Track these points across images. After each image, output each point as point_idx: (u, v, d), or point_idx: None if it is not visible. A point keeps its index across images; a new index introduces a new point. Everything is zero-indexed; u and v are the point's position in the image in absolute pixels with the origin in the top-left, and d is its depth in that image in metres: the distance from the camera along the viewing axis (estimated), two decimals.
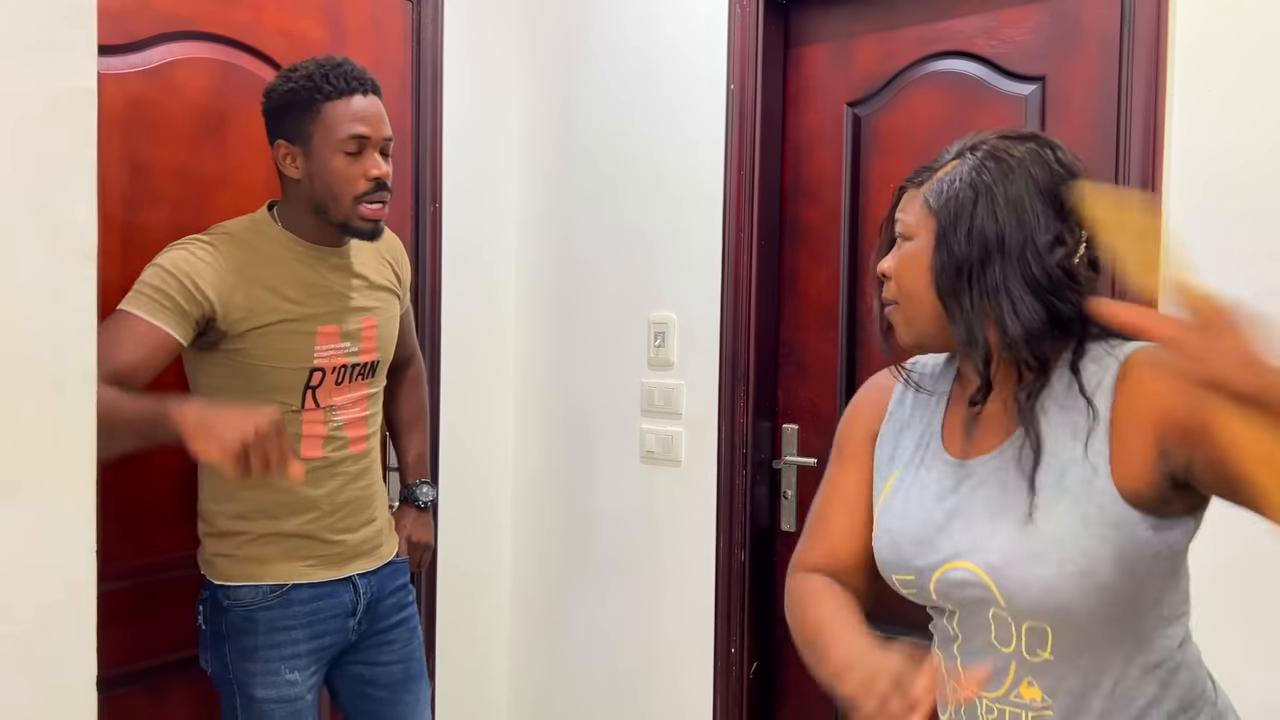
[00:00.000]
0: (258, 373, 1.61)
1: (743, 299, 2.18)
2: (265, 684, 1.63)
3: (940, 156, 1.10)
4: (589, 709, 2.47)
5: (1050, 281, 1.00)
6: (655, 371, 2.33)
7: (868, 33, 2.12)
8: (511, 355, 2.57)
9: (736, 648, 2.21)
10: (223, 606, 1.65)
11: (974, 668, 1.06)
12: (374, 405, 1.77)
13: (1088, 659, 1.01)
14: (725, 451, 2.21)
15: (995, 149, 1.05)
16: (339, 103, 1.60)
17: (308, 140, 1.61)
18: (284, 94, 1.62)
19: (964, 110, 1.99)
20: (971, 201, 1.02)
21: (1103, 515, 0.96)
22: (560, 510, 2.49)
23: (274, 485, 1.63)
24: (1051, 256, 1.01)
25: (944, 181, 1.05)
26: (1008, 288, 1.01)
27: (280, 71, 1.68)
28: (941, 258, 1.04)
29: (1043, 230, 1.01)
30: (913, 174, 1.12)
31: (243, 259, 1.60)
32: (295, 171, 1.63)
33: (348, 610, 1.72)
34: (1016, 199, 1.02)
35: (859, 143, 2.14)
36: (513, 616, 2.60)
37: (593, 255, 2.43)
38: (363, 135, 1.61)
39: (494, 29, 2.49)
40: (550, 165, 2.50)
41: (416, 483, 1.96)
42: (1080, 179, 1.03)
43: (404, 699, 1.80)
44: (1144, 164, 1.72)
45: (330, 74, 1.60)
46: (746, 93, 2.16)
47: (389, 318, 1.79)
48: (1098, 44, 1.85)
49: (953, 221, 1.03)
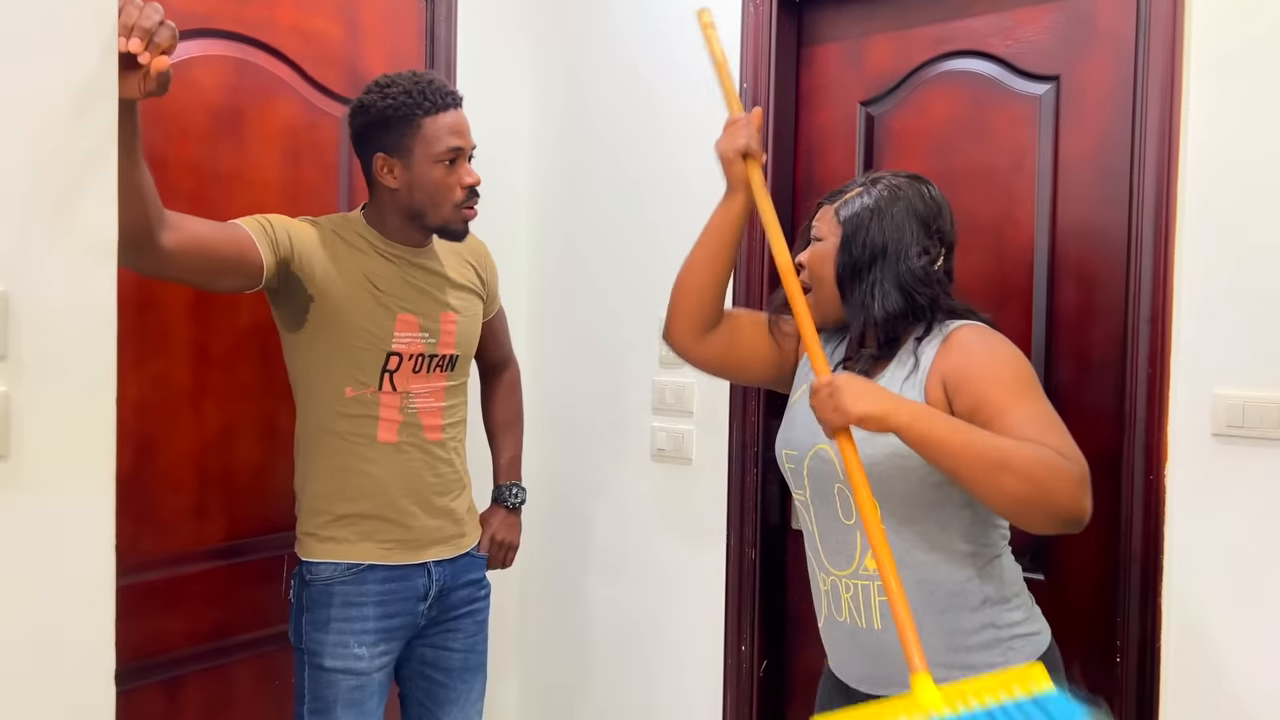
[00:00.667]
0: (340, 350, 1.71)
1: (755, 297, 2.18)
2: (334, 655, 1.71)
3: (848, 185, 1.52)
4: (599, 706, 2.48)
5: (913, 281, 1.42)
6: (666, 370, 2.33)
7: (881, 32, 2.12)
8: (523, 352, 2.57)
9: (747, 645, 2.21)
10: (305, 580, 1.75)
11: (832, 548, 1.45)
12: (452, 397, 1.84)
13: (913, 533, 1.38)
14: (736, 449, 2.22)
15: (889, 183, 1.47)
16: (437, 118, 1.71)
17: (408, 153, 1.71)
18: (382, 110, 1.70)
19: (978, 109, 1.99)
20: (868, 219, 1.44)
21: None
22: (571, 507, 2.50)
23: (351, 467, 1.73)
24: (917, 263, 1.43)
25: (852, 202, 1.47)
26: (882, 284, 1.42)
27: (370, 87, 1.74)
28: (843, 258, 1.45)
29: (914, 244, 1.43)
30: (828, 195, 1.53)
31: (334, 241, 1.72)
32: (393, 182, 1.73)
33: (420, 595, 1.79)
34: (899, 220, 1.44)
35: (872, 142, 2.13)
36: (522, 613, 2.60)
37: (605, 252, 2.43)
38: (459, 147, 1.73)
39: (507, 27, 2.49)
40: (563, 162, 2.50)
41: (508, 484, 2.03)
42: (945, 210, 1.49)
43: (459, 687, 1.88)
44: (1159, 164, 1.72)
45: (426, 90, 1.70)
46: (759, 92, 2.16)
47: (470, 316, 1.87)
48: (1113, 44, 1.84)
49: (853, 233, 1.45)
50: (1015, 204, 1.95)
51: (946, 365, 1.37)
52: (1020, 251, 1.94)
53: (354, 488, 1.73)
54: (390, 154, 1.72)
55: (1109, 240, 1.84)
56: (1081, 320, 1.89)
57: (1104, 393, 1.85)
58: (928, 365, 1.39)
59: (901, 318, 1.42)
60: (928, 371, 1.38)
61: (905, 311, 1.42)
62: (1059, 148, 1.90)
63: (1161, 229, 1.71)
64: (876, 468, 1.36)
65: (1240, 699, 1.65)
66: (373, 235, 1.76)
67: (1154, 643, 1.72)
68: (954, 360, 1.37)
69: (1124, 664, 1.75)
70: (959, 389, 1.35)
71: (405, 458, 1.76)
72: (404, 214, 1.75)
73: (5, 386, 1.06)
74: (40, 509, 1.09)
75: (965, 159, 2.00)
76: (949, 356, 1.38)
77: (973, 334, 1.40)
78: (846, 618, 1.44)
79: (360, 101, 1.74)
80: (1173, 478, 1.71)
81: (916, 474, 1.35)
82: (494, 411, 2.08)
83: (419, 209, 1.74)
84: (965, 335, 1.40)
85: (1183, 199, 1.70)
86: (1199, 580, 1.69)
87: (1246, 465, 1.64)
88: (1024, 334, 1.92)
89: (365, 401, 1.73)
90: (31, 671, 1.10)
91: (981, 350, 1.37)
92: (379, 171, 1.73)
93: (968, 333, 1.40)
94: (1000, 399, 1.31)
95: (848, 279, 1.44)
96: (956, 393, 1.35)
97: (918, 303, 1.42)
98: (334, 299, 1.70)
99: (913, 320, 1.43)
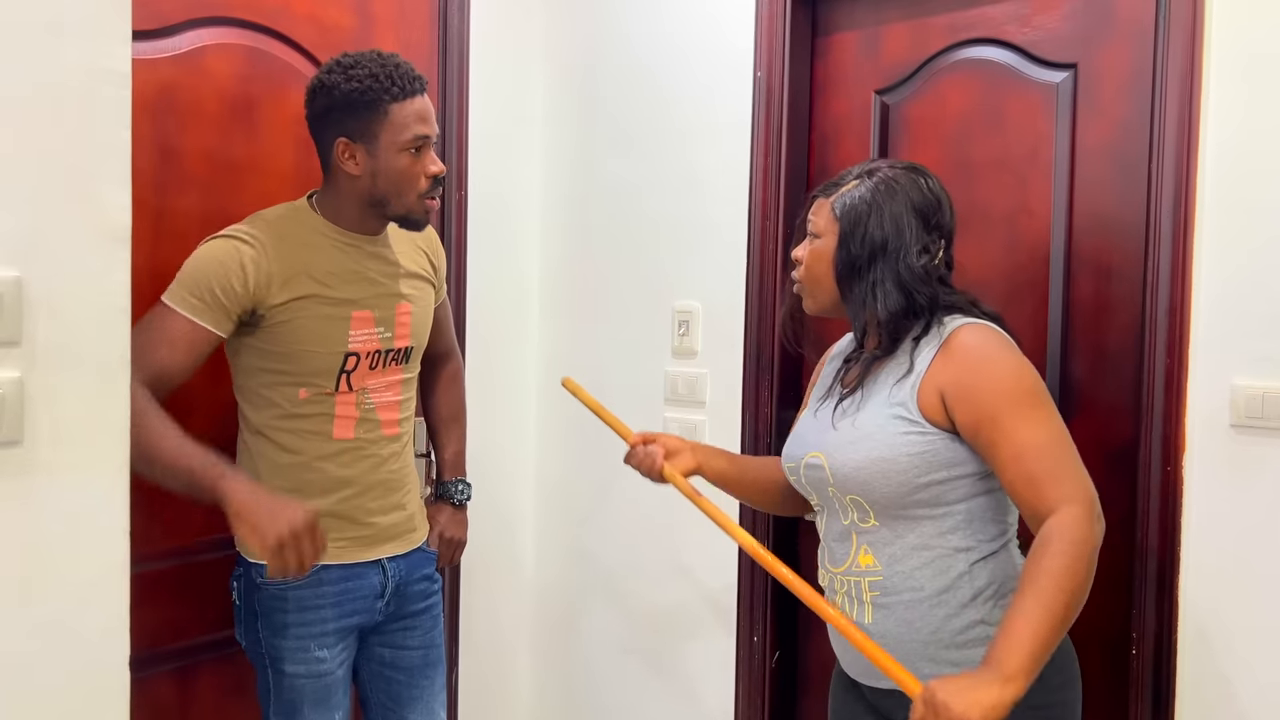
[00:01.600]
0: (293, 356, 1.64)
1: (768, 288, 2.17)
2: (295, 660, 1.66)
3: (843, 176, 1.47)
4: (612, 698, 2.48)
5: (913, 279, 1.40)
6: (679, 360, 2.32)
7: (897, 20, 2.10)
8: (535, 344, 2.57)
9: (759, 637, 2.21)
10: (255, 584, 1.68)
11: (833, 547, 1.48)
12: (407, 390, 1.79)
13: (903, 530, 1.39)
14: (749, 441, 2.21)
15: (885, 175, 1.43)
16: (405, 104, 1.62)
17: (373, 139, 1.63)
18: (347, 93, 1.61)
19: (994, 98, 1.97)
20: (866, 215, 1.40)
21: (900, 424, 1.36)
22: (585, 499, 2.50)
23: (306, 465, 1.66)
24: (917, 261, 1.40)
25: (847, 196, 1.43)
26: (883, 283, 1.40)
27: (331, 67, 1.64)
28: (842, 255, 1.42)
29: (914, 240, 1.40)
30: (822, 187, 1.49)
31: (281, 247, 1.63)
32: (355, 169, 1.65)
33: (376, 592, 1.74)
34: (898, 215, 1.40)
35: (887, 131, 2.12)
36: (536, 605, 2.61)
37: (617, 243, 2.42)
38: (426, 135, 1.65)
39: (520, 15, 2.49)
40: (575, 153, 2.49)
41: (453, 480, 1.98)
42: (945, 202, 1.44)
43: (421, 684, 1.83)
44: (1178, 154, 1.70)
45: (394, 75, 1.61)
46: (774, 81, 2.15)
47: (424, 306, 1.82)
48: (1132, 32, 1.82)
49: (851, 229, 1.41)
50: (1031, 194, 1.93)
51: (945, 375, 1.35)
52: (1036, 243, 1.93)
53: (309, 485, 1.66)
54: (353, 139, 1.63)
55: (1127, 231, 1.82)
56: (1098, 312, 1.87)
57: (1121, 384, 1.84)
58: (924, 369, 1.37)
59: (904, 316, 1.40)
60: (923, 375, 1.37)
61: (907, 310, 1.40)
62: (1076, 137, 1.89)
63: (1180, 220, 1.70)
64: (860, 473, 1.38)
65: (1258, 691, 1.64)
66: (324, 226, 1.68)
67: (1170, 635, 1.71)
68: (953, 370, 1.35)
69: (1139, 656, 1.74)
70: (960, 402, 1.33)
71: (361, 454, 1.70)
72: (364, 202, 1.67)
73: (19, 372, 1.06)
74: (54, 494, 1.10)
75: (981, 148, 1.99)
76: (948, 364, 1.35)
77: (973, 338, 1.36)
78: (842, 611, 1.45)
79: (321, 81, 1.64)
80: (1190, 469, 1.69)
81: (901, 476, 1.36)
82: (437, 405, 2.00)
83: (381, 197, 1.66)
84: (965, 340, 1.36)
85: (1202, 190, 1.68)
86: (1216, 572, 1.67)
87: (1266, 456, 1.63)
88: (1040, 326, 1.91)
89: (321, 401, 1.66)
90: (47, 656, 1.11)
91: (981, 361, 1.34)
92: (339, 157, 1.64)
93: (967, 336, 1.37)
94: (1004, 420, 1.30)
95: (846, 277, 1.42)
96: (957, 406, 1.34)
97: (918, 302, 1.40)
98: (287, 311, 1.62)
99: (914, 318, 1.41)
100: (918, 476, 1.36)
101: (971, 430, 1.33)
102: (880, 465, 1.36)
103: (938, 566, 1.38)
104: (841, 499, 1.43)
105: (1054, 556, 1.23)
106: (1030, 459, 1.29)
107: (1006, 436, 1.30)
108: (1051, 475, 1.28)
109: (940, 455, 1.36)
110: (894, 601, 1.39)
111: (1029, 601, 1.22)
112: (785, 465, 1.56)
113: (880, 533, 1.40)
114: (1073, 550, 1.24)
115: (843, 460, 1.40)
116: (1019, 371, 1.34)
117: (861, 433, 1.39)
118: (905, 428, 1.36)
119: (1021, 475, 1.30)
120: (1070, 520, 1.25)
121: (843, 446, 1.41)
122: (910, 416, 1.36)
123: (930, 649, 1.37)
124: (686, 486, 1.60)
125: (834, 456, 1.42)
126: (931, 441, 1.35)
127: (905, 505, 1.38)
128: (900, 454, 1.36)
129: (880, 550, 1.41)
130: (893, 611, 1.39)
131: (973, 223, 1.97)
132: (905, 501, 1.37)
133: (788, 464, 1.55)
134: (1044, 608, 1.21)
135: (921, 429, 1.36)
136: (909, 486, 1.36)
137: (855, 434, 1.40)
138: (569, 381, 1.81)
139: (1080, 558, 1.24)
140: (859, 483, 1.38)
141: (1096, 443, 1.85)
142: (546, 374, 2.56)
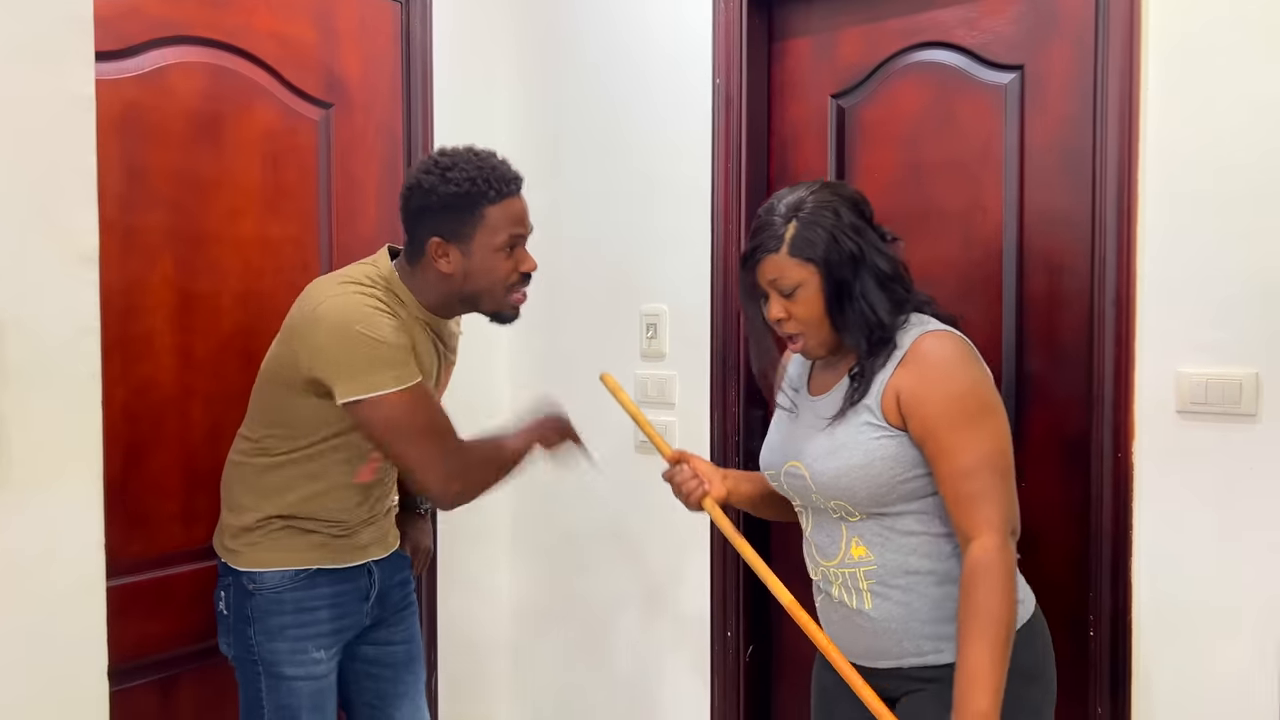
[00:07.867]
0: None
1: (733, 290, 2.21)
2: (294, 662, 1.69)
3: (770, 227, 1.45)
4: (590, 694, 2.51)
5: (892, 273, 1.45)
6: (648, 362, 2.36)
7: (850, 25, 2.15)
8: (506, 349, 2.60)
9: (733, 631, 2.25)
10: (247, 591, 1.70)
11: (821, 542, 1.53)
12: None
13: (891, 524, 1.45)
14: (718, 440, 2.25)
15: (813, 202, 1.44)
16: (501, 205, 1.64)
17: (467, 240, 1.64)
18: (444, 196, 1.61)
19: (945, 99, 2.03)
20: (832, 241, 1.42)
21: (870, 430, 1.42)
22: (556, 499, 2.53)
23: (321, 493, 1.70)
24: (884, 255, 1.45)
25: (800, 239, 1.43)
26: (868, 290, 1.43)
27: (429, 166, 1.65)
28: (829, 288, 1.43)
29: (872, 238, 1.45)
30: (753, 249, 1.47)
31: (399, 324, 1.63)
32: (448, 266, 1.65)
33: (364, 595, 1.79)
34: (850, 224, 1.43)
35: (843, 134, 2.17)
36: (512, 604, 2.63)
37: (584, 250, 2.46)
38: (520, 235, 1.68)
39: (482, 28, 2.52)
40: (540, 162, 2.52)
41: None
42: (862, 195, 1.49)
43: (407, 679, 1.88)
44: (1120, 149, 1.75)
45: (491, 177, 1.62)
46: (732, 87, 2.19)
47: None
48: (1073, 31, 1.88)
49: (827, 260, 1.42)
50: (983, 192, 1.98)
51: (904, 381, 1.41)
52: (989, 240, 1.98)
53: (319, 509, 1.71)
54: (448, 240, 1.63)
55: (1075, 226, 1.88)
56: (1051, 305, 1.92)
57: (1073, 376, 1.89)
58: (887, 376, 1.42)
59: (893, 313, 1.44)
60: (886, 382, 1.42)
61: (892, 307, 1.44)
62: (1025, 136, 1.94)
63: (1124, 213, 1.75)
64: (841, 479, 1.44)
65: (1210, 669, 1.70)
66: (413, 303, 1.68)
67: (1125, 615, 1.76)
68: (911, 378, 1.40)
69: (1097, 636, 1.79)
70: (912, 412, 1.40)
71: (372, 489, 1.77)
72: (455, 297, 1.69)
73: None
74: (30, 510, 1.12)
75: (934, 149, 2.04)
76: (908, 371, 1.41)
77: (934, 348, 1.41)
78: (839, 600, 1.51)
79: (418, 181, 1.64)
80: (1140, 454, 1.74)
81: (880, 479, 1.42)
82: None
83: (473, 295, 1.68)
84: (925, 349, 1.41)
85: (1144, 183, 1.74)
86: (1167, 553, 1.73)
87: (1210, 440, 1.68)
88: (995, 321, 1.96)
89: (361, 457, 1.71)
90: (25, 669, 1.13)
91: (934, 374, 1.39)
92: (433, 254, 1.64)
93: (928, 345, 1.42)
94: (944, 436, 1.38)
95: (837, 304, 1.43)
96: (910, 415, 1.40)
97: (898, 296, 1.45)
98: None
99: (899, 311, 1.45)
100: (896, 476, 1.42)
101: (919, 439, 1.41)
102: (859, 472, 1.43)
103: (928, 550, 1.45)
104: (826, 502, 1.49)
105: (988, 594, 1.33)
106: (960, 479, 1.37)
107: (945, 453, 1.38)
108: (976, 499, 1.36)
109: (911, 453, 1.42)
110: (891, 587, 1.46)
111: (978, 644, 1.32)
112: (765, 472, 1.61)
113: (869, 525, 1.47)
114: (1000, 584, 1.34)
115: (822, 469, 1.46)
116: (968, 388, 1.40)
117: (837, 442, 1.45)
118: (876, 433, 1.42)
119: (951, 493, 1.39)
120: (990, 554, 1.34)
121: (821, 457, 1.47)
122: (876, 421, 1.43)
123: (930, 627, 1.44)
124: (727, 523, 1.61)
125: (813, 466, 1.48)
126: (901, 443, 1.42)
127: (889, 502, 1.44)
128: (875, 458, 1.42)
129: (872, 541, 1.47)
130: (891, 597, 1.46)
131: (928, 221, 2.03)
132: (888, 499, 1.44)
133: (767, 471, 1.60)
134: (990, 644, 1.32)
135: (889, 432, 1.42)
136: (889, 486, 1.43)
137: (832, 444, 1.46)
138: (608, 378, 1.76)
139: (1006, 589, 1.34)
140: (841, 489, 1.45)
141: (1051, 432, 1.91)
142: (518, 378, 2.59)
